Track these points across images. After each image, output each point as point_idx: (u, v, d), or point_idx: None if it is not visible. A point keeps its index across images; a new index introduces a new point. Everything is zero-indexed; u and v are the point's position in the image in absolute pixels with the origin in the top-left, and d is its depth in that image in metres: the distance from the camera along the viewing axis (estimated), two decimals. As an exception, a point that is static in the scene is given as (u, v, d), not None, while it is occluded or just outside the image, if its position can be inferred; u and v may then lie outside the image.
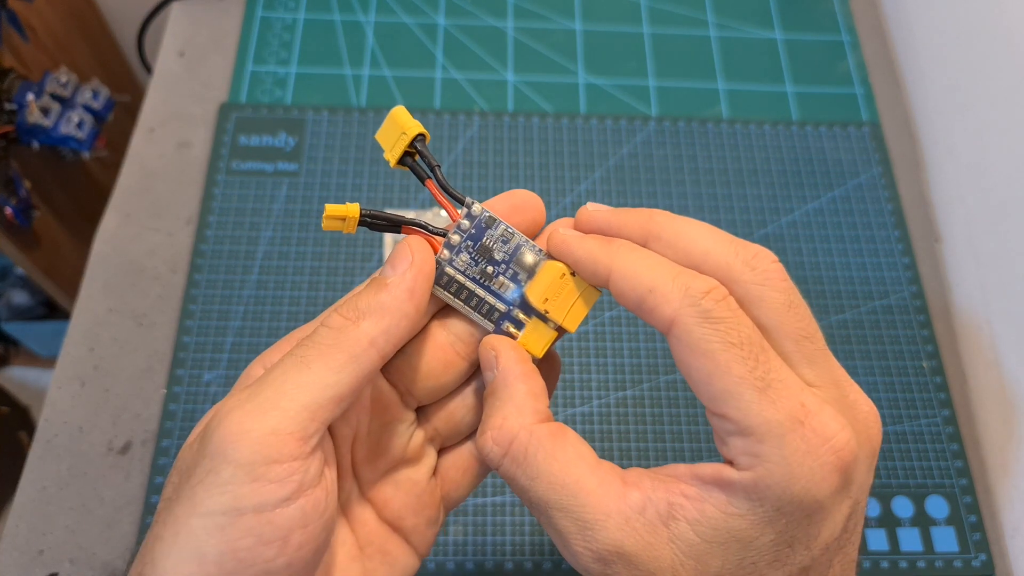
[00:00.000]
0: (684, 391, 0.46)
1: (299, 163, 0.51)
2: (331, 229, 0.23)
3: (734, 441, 0.20)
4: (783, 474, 0.20)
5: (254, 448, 0.19)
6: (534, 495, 0.22)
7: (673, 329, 0.21)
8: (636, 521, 0.21)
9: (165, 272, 0.48)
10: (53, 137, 0.63)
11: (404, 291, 0.22)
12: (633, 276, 0.22)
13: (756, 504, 0.20)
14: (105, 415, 0.44)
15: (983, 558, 0.43)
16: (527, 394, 0.23)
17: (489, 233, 0.24)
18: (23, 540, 0.40)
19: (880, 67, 0.59)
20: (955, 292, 0.51)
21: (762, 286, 0.21)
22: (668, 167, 0.53)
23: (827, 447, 0.20)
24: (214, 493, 0.19)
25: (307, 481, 0.20)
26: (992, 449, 0.46)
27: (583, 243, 0.24)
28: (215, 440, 0.20)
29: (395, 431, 0.25)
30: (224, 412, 0.20)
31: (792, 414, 0.20)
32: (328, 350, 0.21)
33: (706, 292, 0.21)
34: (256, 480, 0.19)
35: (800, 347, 0.21)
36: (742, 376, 0.20)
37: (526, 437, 0.22)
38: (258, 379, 0.21)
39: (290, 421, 0.20)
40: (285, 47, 0.56)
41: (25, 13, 0.65)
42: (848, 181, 0.53)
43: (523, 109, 0.55)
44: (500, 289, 0.24)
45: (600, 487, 0.21)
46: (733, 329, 0.20)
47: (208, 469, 0.19)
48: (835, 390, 0.21)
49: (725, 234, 0.23)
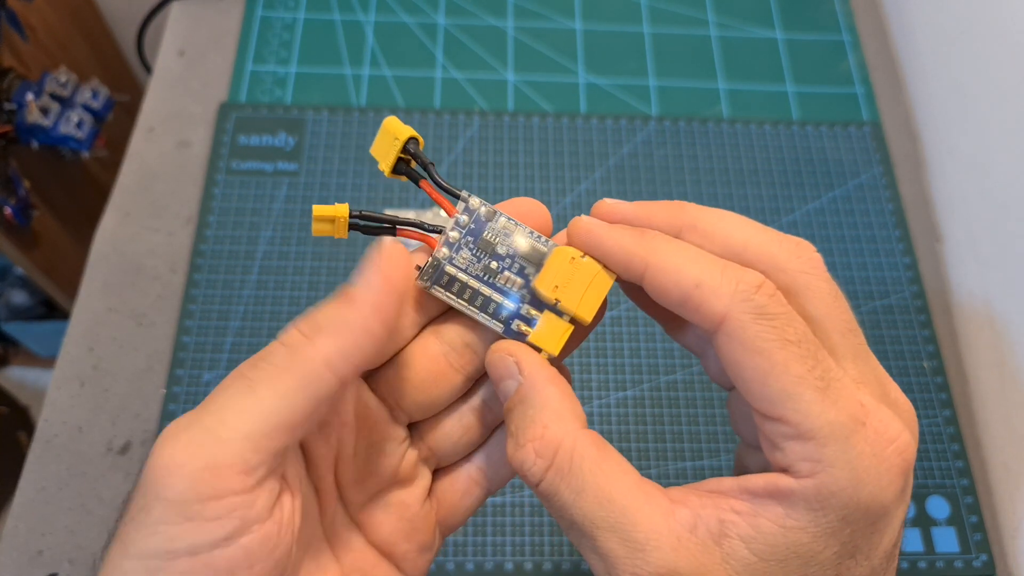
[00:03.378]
0: (685, 391, 0.46)
1: (299, 163, 0.51)
2: (321, 234, 0.22)
3: (791, 446, 0.19)
4: (849, 479, 0.18)
5: (187, 484, 0.17)
6: (579, 512, 0.19)
7: (724, 326, 0.19)
8: (688, 541, 0.19)
9: (165, 272, 0.48)
10: (52, 137, 0.62)
11: (368, 306, 0.19)
12: (675, 270, 0.20)
13: (819, 514, 0.18)
14: (104, 415, 0.44)
15: (984, 558, 0.43)
16: (563, 396, 0.21)
17: (490, 227, 0.22)
18: (22, 540, 0.40)
19: (881, 66, 0.59)
20: (956, 292, 0.50)
21: (809, 275, 0.20)
22: (668, 167, 0.53)
23: (892, 448, 0.19)
24: (144, 534, 0.17)
25: (251, 517, 0.18)
26: (993, 449, 0.46)
27: (612, 233, 0.21)
28: (148, 474, 0.18)
29: (384, 450, 0.23)
30: (159, 443, 0.18)
31: (854, 415, 0.18)
32: (276, 372, 0.19)
33: (758, 286, 0.19)
34: (190, 519, 0.17)
35: (845, 340, 0.20)
36: (801, 375, 0.18)
37: (571, 444, 0.20)
38: (204, 402, 0.19)
39: (228, 452, 0.18)
40: (285, 47, 0.56)
41: (25, 13, 0.65)
42: (849, 181, 0.53)
43: (523, 109, 0.55)
44: (507, 285, 0.22)
45: (649, 503, 0.19)
46: (789, 325, 0.19)
47: (140, 507, 0.18)
48: (878, 387, 0.20)
49: (761, 225, 0.21)
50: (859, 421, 0.18)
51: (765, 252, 0.20)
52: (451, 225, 0.23)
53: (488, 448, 0.25)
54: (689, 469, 0.44)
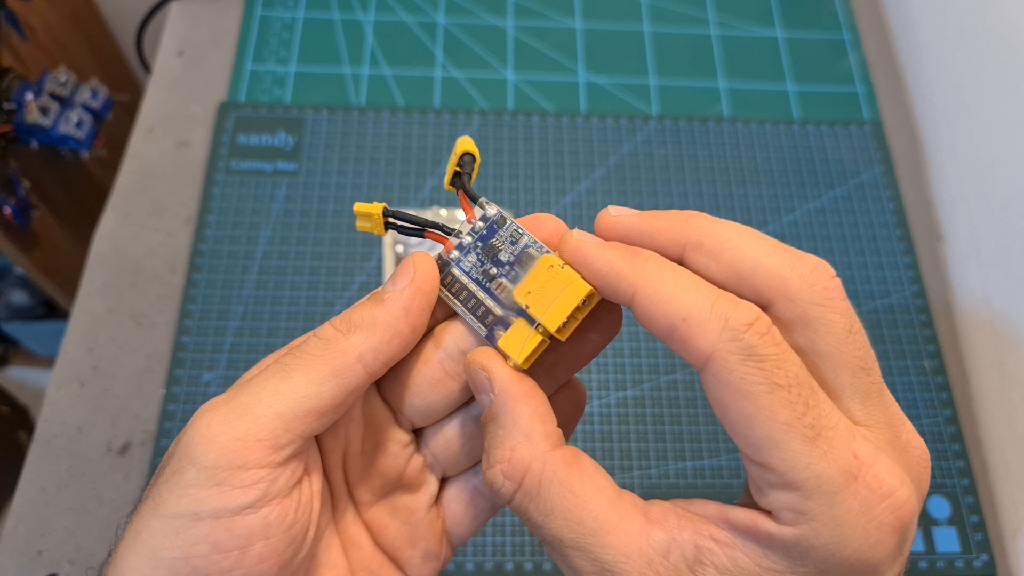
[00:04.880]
0: (685, 391, 0.46)
1: (298, 162, 0.51)
2: (363, 230, 0.23)
3: (776, 494, 0.18)
4: (832, 536, 0.17)
5: (220, 452, 0.19)
6: (548, 532, 0.20)
7: (710, 365, 0.18)
8: (659, 565, 0.19)
9: (164, 272, 0.48)
10: (52, 136, 0.62)
11: (400, 308, 0.21)
12: (663, 300, 0.19)
13: (797, 563, 0.18)
14: (104, 415, 0.44)
15: (985, 559, 0.43)
16: (533, 416, 0.21)
17: (499, 234, 0.23)
18: (22, 541, 0.40)
19: (881, 65, 0.59)
20: (957, 291, 0.50)
21: (822, 307, 0.19)
22: (669, 166, 0.53)
23: (885, 506, 0.18)
24: (176, 495, 0.19)
25: (273, 491, 0.19)
26: (994, 449, 0.46)
27: (603, 253, 0.20)
28: (184, 441, 0.19)
29: (389, 451, 0.24)
30: (198, 414, 0.20)
31: (845, 467, 0.17)
32: (312, 361, 0.20)
33: (749, 324, 0.18)
34: (218, 484, 0.19)
35: (856, 379, 0.19)
36: (789, 423, 0.17)
37: (539, 468, 0.20)
38: (240, 382, 0.21)
39: (261, 428, 0.19)
40: (284, 46, 0.56)
41: (24, 12, 0.65)
42: (849, 180, 0.53)
43: (523, 108, 0.55)
44: (499, 291, 0.23)
45: (620, 524, 0.19)
46: (779, 368, 0.18)
47: (174, 470, 0.19)
48: (888, 431, 0.19)
49: (776, 242, 0.20)
50: (850, 475, 0.17)
51: (776, 278, 0.19)
52: (468, 230, 0.23)
53: None
54: (689, 469, 0.44)
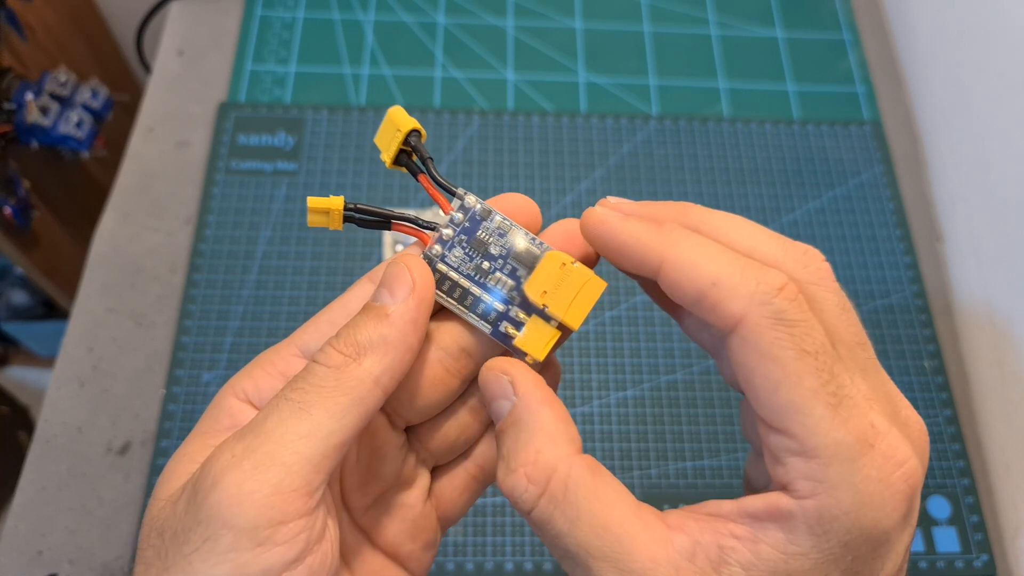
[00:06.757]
0: (685, 391, 0.46)
1: (298, 162, 0.51)
2: (316, 225, 0.22)
3: (794, 462, 0.18)
4: (852, 503, 0.17)
5: (258, 511, 0.18)
6: (573, 541, 0.19)
7: (740, 329, 0.18)
8: (686, 570, 0.18)
9: (164, 272, 0.48)
10: (52, 136, 0.62)
11: (408, 323, 0.20)
12: (692, 266, 0.19)
13: (820, 539, 0.18)
14: (104, 415, 0.44)
15: (985, 559, 0.43)
16: (558, 420, 0.20)
17: (484, 225, 0.22)
18: (22, 541, 0.40)
19: (882, 65, 0.59)
20: (957, 291, 0.50)
21: (816, 286, 0.19)
22: (669, 166, 0.53)
23: (900, 473, 0.18)
24: (213, 563, 0.18)
25: (314, 537, 0.19)
26: (994, 449, 0.46)
27: (628, 225, 0.20)
28: (211, 503, 0.18)
29: (385, 455, 0.23)
30: (218, 472, 0.18)
31: (863, 436, 0.18)
32: (328, 393, 0.19)
33: (779, 289, 0.18)
34: (261, 544, 0.18)
35: (854, 354, 0.19)
36: (814, 389, 0.18)
37: (566, 471, 0.19)
38: (250, 428, 0.19)
39: (295, 477, 0.18)
40: (284, 46, 0.56)
41: (24, 12, 0.65)
42: (849, 180, 0.53)
43: (523, 108, 0.55)
44: (497, 286, 0.22)
45: (645, 531, 0.19)
46: (808, 335, 0.18)
47: (205, 536, 0.18)
48: (888, 405, 0.19)
49: (768, 231, 0.20)
50: (868, 443, 0.18)
51: (770, 260, 0.20)
52: (445, 222, 0.22)
53: (484, 443, 0.25)
54: (689, 469, 0.44)
